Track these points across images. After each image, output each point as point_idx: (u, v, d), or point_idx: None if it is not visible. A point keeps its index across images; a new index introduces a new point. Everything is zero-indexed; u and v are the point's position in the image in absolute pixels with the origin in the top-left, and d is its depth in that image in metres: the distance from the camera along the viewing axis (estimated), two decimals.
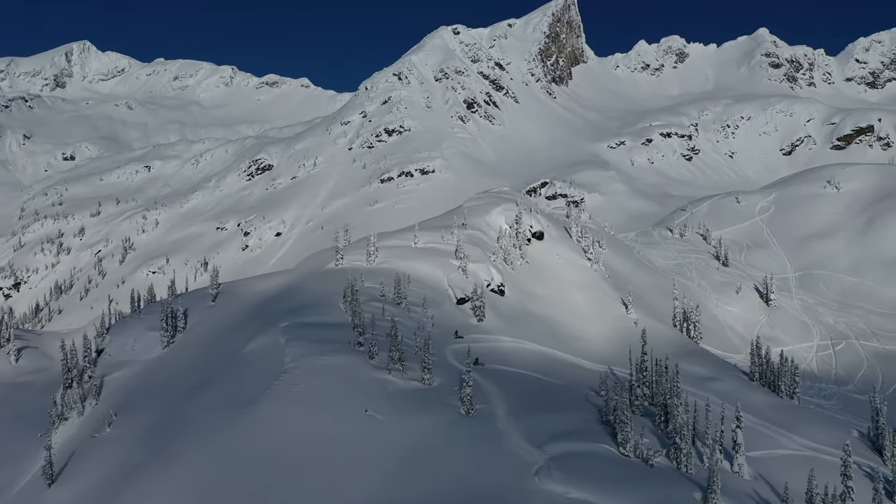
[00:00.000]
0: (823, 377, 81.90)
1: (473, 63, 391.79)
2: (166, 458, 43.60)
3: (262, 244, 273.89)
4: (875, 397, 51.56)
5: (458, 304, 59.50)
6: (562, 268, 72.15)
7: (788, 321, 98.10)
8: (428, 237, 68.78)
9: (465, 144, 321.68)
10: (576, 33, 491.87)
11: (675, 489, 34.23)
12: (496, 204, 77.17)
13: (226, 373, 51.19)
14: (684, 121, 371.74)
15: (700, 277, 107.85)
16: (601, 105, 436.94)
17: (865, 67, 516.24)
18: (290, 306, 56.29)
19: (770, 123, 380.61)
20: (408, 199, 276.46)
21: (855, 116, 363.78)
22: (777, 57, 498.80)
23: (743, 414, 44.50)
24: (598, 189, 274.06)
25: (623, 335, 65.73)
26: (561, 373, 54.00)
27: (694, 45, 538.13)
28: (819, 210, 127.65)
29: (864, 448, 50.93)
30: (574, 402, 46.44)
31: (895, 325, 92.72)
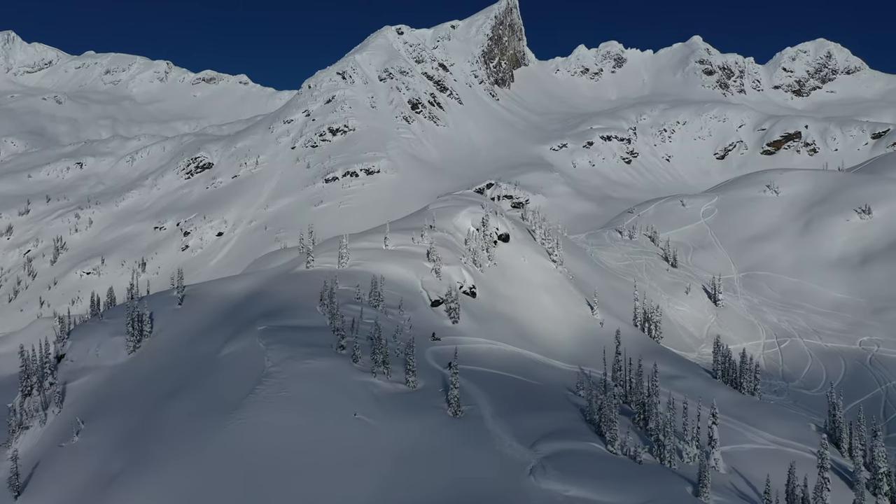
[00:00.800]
0: (771, 374, 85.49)
1: (418, 63, 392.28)
2: (147, 467, 42.51)
3: (203, 244, 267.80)
4: (832, 393, 54.32)
5: (432, 306, 59.87)
6: (528, 270, 73.33)
7: (736, 320, 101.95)
8: (398, 239, 68.88)
9: (410, 145, 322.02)
10: (517, 36, 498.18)
11: (666, 484, 35.49)
12: (462, 206, 77.84)
13: (201, 378, 50.17)
14: (623, 125, 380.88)
15: (650, 278, 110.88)
16: (542, 108, 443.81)
17: (792, 76, 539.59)
18: (265, 309, 55.56)
19: (704, 128, 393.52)
20: (353, 199, 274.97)
21: (783, 123, 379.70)
22: (710, 64, 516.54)
23: (704, 409, 46.44)
24: (543, 191, 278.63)
25: (590, 336, 67.34)
26: (537, 373, 54.98)
27: (631, 51, 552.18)
28: (760, 213, 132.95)
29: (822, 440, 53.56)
30: (556, 402, 47.44)
31: (835, 323, 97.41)
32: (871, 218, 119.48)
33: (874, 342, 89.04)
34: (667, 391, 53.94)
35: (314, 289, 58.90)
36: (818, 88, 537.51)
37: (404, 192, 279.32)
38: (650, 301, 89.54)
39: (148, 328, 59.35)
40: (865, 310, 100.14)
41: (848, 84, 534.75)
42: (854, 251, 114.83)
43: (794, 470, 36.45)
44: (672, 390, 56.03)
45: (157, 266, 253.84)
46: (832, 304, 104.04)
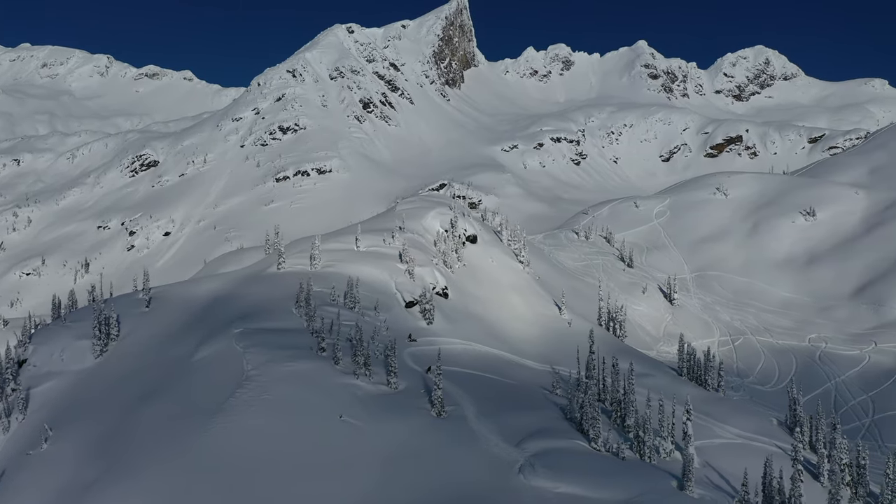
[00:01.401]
0: (727, 370, 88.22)
1: (369, 63, 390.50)
2: (125, 473, 41.67)
3: (149, 244, 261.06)
4: (792, 388, 56.67)
5: (406, 307, 60.09)
6: (497, 271, 74.21)
7: (691, 319, 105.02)
8: (370, 240, 68.82)
9: (362, 144, 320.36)
10: (468, 37, 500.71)
11: (651, 479, 36.62)
12: (430, 208, 78.20)
13: (176, 382, 49.34)
14: (572, 126, 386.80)
15: (608, 278, 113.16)
16: (492, 109, 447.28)
17: (733, 81, 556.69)
18: (239, 312, 54.93)
19: (650, 131, 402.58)
20: (305, 199, 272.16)
21: (726, 127, 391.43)
22: (655, 68, 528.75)
23: (677, 406, 47.98)
24: (495, 191, 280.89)
25: (559, 336, 68.59)
26: (511, 373, 55.80)
27: (579, 54, 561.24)
28: (710, 215, 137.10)
29: (784, 434, 55.91)
30: (535, 402, 48.29)
31: (784, 321, 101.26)
32: (815, 220, 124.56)
33: (822, 339, 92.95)
34: (642, 390, 55.47)
35: (288, 291, 58.50)
36: (757, 94, 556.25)
37: (356, 192, 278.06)
38: (614, 301, 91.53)
39: (115, 332, 57.99)
40: (812, 308, 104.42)
41: (785, 90, 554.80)
42: (800, 252, 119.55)
43: (771, 463, 37.94)
44: (641, 388, 57.66)
45: (101, 266, 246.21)
46: (781, 303, 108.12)
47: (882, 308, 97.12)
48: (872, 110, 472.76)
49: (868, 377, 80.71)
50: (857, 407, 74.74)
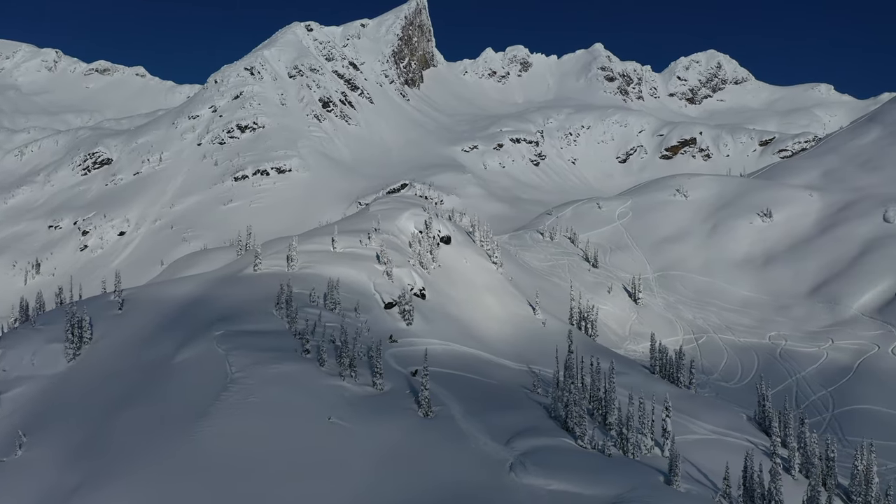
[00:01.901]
0: (692, 368, 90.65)
1: (328, 61, 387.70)
2: (109, 478, 40.95)
3: (103, 244, 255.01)
4: (761, 384, 58.65)
5: (385, 308, 60.26)
6: (471, 271, 74.84)
7: (655, 318, 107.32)
8: (346, 242, 68.67)
9: (322, 143, 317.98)
10: (427, 37, 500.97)
11: (639, 475, 37.63)
12: (404, 209, 78.42)
13: (156, 385, 48.67)
14: (531, 127, 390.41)
15: (574, 278, 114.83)
16: (451, 109, 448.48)
17: (686, 84, 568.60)
18: (218, 314, 54.40)
19: (607, 133, 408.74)
20: (264, 198, 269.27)
21: (680, 129, 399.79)
22: (611, 71, 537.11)
23: (654, 404, 49.32)
24: (456, 191, 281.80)
25: (534, 335, 69.58)
26: (491, 373, 56.47)
27: (537, 56, 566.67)
28: (671, 216, 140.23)
29: (754, 429, 57.88)
30: (518, 401, 49.03)
31: (745, 320, 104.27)
32: (771, 221, 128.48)
33: (782, 337, 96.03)
34: (620, 389, 56.74)
35: (266, 292, 58.16)
36: (709, 97, 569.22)
37: (317, 192, 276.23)
38: (586, 301, 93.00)
39: (88, 335, 56.80)
40: (771, 307, 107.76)
41: (736, 93, 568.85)
42: (758, 252, 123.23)
43: (752, 458, 39.28)
44: (618, 386, 58.92)
45: (52, 267, 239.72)
46: (741, 302, 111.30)
47: (837, 307, 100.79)
48: (819, 114, 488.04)
49: (827, 373, 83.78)
50: (818, 402, 77.57)
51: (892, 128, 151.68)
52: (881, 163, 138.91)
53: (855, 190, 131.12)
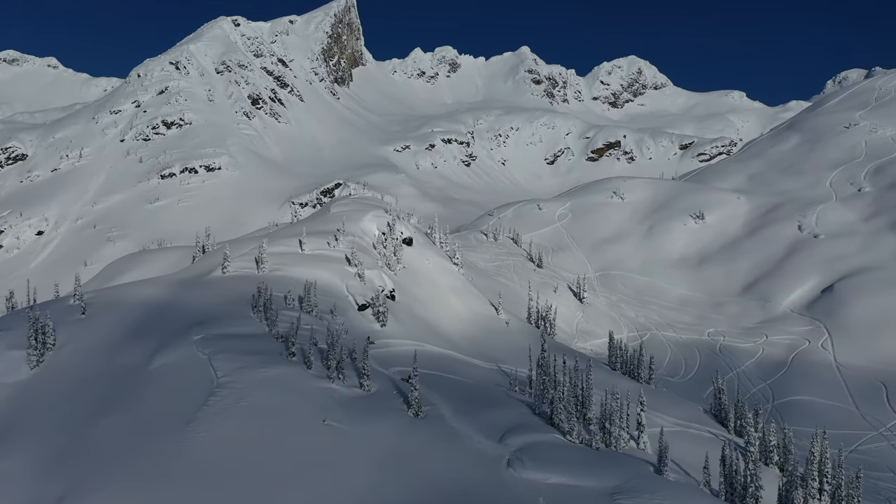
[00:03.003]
0: None
1: (256, 58, 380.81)
2: (96, 487, 40.01)
3: (20, 244, 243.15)
4: (717, 378, 62.17)
5: (359, 310, 60.64)
6: (434, 272, 75.89)
7: (599, 316, 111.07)
8: (314, 243, 68.48)
9: (252, 142, 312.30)
10: (356, 36, 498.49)
11: (631, 467, 39.59)
12: (366, 210, 78.69)
13: (133, 392, 47.62)
14: (462, 128, 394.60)
15: (520, 278, 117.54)
16: (381, 108, 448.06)
17: (608, 89, 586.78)
18: (193, 318, 53.59)
19: (535, 135, 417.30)
20: (193, 197, 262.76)
21: (605, 132, 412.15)
22: (538, 74, 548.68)
23: (620, 399, 51.82)
24: (390, 191, 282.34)
25: (499, 335, 71.26)
26: (466, 372, 57.74)
27: (465, 57, 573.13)
28: (608, 217, 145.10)
29: (711, 421, 61.27)
30: (499, 399, 50.43)
31: (684, 317, 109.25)
32: (704, 223, 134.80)
33: (720, 333, 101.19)
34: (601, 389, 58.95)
35: (239, 295, 57.60)
36: (631, 101, 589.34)
37: (247, 191, 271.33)
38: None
39: (51, 341, 54.90)
40: (707, 304, 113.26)
41: (656, 98, 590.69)
42: (692, 253, 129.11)
43: (732, 448, 41.92)
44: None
45: None
46: (679, 300, 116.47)
47: (768, 304, 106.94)
48: (733, 120, 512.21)
49: (764, 367, 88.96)
50: (759, 394, 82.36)
51: (809, 135, 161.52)
52: (801, 168, 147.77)
53: (779, 194, 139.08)
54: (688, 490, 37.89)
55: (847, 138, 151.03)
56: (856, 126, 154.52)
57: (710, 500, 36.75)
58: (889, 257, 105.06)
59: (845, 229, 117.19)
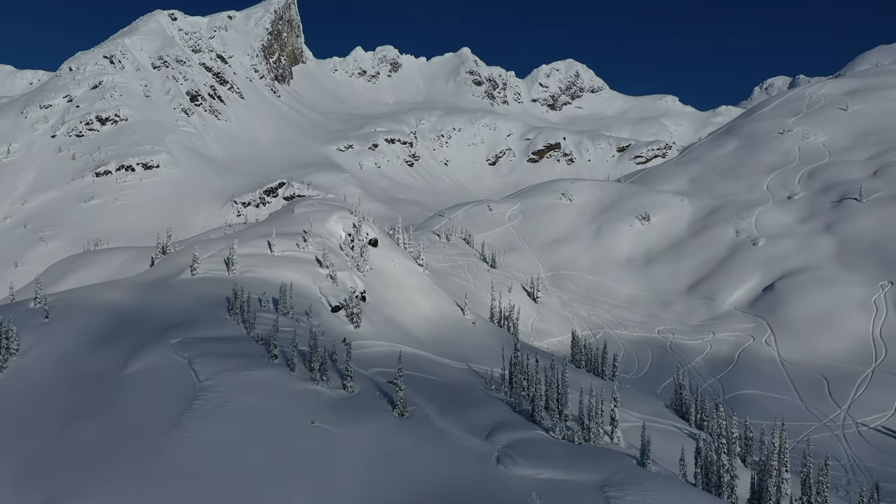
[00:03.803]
0: None
1: (195, 53, 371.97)
2: (81, 494, 39.35)
3: None
4: (678, 374, 64.85)
5: (332, 311, 60.79)
6: (400, 273, 76.38)
7: (553, 315, 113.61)
8: (284, 245, 68.08)
9: (191, 139, 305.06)
10: (296, 33, 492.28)
11: (616, 460, 41.19)
12: (331, 211, 78.53)
13: (110, 398, 46.71)
14: (405, 128, 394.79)
15: (474, 278, 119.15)
16: (323, 107, 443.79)
17: (547, 91, 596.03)
18: (168, 322, 52.87)
19: (477, 136, 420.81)
20: (130, 196, 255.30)
21: (546, 134, 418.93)
22: (479, 75, 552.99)
23: (595, 396, 53.75)
24: (334, 191, 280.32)
25: (466, 335, 72.38)
26: (441, 372, 58.63)
27: (406, 57, 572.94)
28: (558, 219, 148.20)
29: (673, 415, 63.90)
30: (478, 398, 51.51)
31: (634, 315, 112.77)
32: (649, 224, 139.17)
33: (669, 331, 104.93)
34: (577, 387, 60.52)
35: (212, 297, 57.08)
36: (569, 104, 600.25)
37: (188, 190, 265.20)
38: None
39: (15, 345, 53.26)
40: (655, 303, 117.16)
41: (593, 101, 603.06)
42: (639, 253, 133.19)
43: (709, 441, 44.07)
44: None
45: None
46: (628, 299, 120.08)
47: (713, 302, 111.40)
48: (666, 123, 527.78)
49: (712, 363, 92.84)
50: (709, 389, 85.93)
51: (746, 140, 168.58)
52: (739, 172, 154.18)
53: (719, 196, 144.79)
54: (671, 481, 39.75)
55: (781, 144, 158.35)
56: (789, 132, 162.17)
57: (693, 491, 38.69)
58: (825, 258, 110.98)
59: (783, 231, 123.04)
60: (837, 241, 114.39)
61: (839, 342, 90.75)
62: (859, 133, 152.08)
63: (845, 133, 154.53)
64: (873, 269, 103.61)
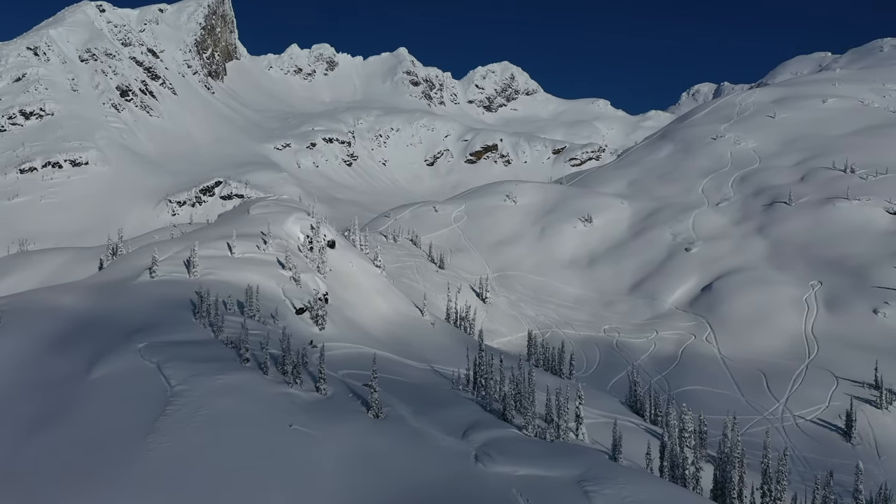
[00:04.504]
0: None
1: (125, 46, 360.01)
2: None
3: None
4: (633, 372, 67.31)
5: (297, 313, 60.56)
6: (358, 275, 76.50)
7: (502, 315, 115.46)
8: (244, 247, 67.22)
9: (122, 135, 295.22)
10: (230, 28, 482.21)
11: (590, 456, 42.68)
12: (287, 212, 77.91)
13: (75, 404, 45.51)
14: (343, 128, 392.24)
15: (423, 279, 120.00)
16: (259, 104, 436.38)
17: (483, 93, 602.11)
18: (131, 325, 51.76)
19: (416, 136, 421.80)
20: (58, 194, 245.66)
21: (483, 135, 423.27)
22: (416, 75, 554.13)
23: (561, 394, 55.51)
24: (273, 190, 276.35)
25: (426, 336, 73.06)
26: (406, 373, 59.23)
27: (343, 56, 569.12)
28: (503, 220, 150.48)
29: (629, 412, 66.27)
30: (449, 398, 52.37)
31: (580, 315, 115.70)
32: (592, 226, 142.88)
33: (615, 330, 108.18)
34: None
35: (174, 300, 56.16)
36: (504, 106, 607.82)
37: (120, 188, 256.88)
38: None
39: None
40: (599, 303, 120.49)
41: (528, 104, 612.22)
42: (582, 254, 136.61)
43: (674, 436, 46.12)
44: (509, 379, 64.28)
45: None
46: (573, 299, 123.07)
47: (655, 302, 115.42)
48: (599, 126, 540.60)
49: (657, 360, 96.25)
50: (656, 385, 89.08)
51: (681, 144, 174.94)
52: (675, 175, 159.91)
53: (657, 199, 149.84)
54: (643, 475, 41.52)
55: (714, 149, 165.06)
56: (722, 138, 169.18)
57: (664, 483, 40.55)
58: (759, 258, 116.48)
59: (719, 233, 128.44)
60: (770, 243, 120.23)
61: (774, 339, 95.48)
62: (786, 140, 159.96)
63: (773, 140, 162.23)
64: (803, 270, 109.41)
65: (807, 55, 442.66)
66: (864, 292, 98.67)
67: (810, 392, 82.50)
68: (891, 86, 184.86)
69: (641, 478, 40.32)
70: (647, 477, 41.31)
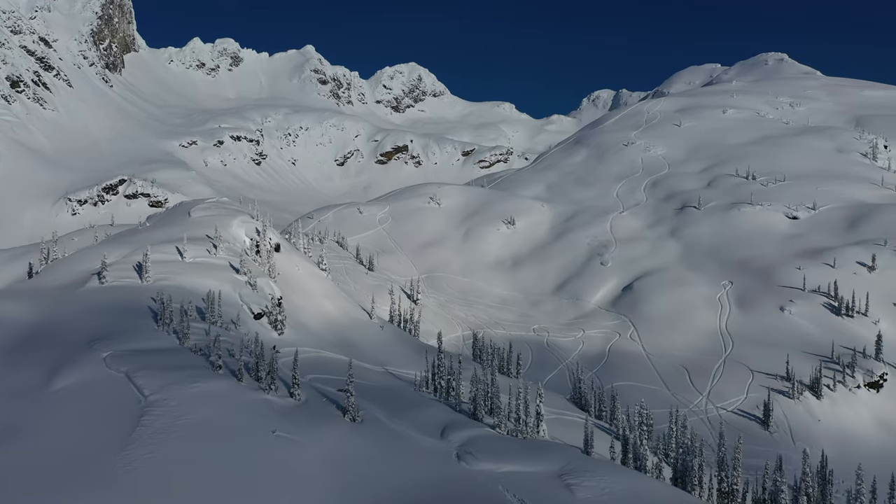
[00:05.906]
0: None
1: (14, 35, 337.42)
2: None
3: None
4: (577, 369, 70.59)
5: (255, 318, 60.00)
6: (305, 279, 76.12)
7: (434, 316, 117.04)
8: (194, 251, 65.57)
9: (14, 129, 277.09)
10: (127, 19, 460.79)
11: (564, 451, 44.99)
12: (232, 215, 76.43)
13: (38, 418, 43.89)
14: (251, 125, 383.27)
15: (354, 281, 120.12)
16: (159, 99, 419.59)
17: (391, 93, 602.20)
18: (91, 334, 50.02)
19: (325, 135, 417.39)
20: None
21: (393, 136, 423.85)
22: (324, 74, 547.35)
23: (523, 394, 57.90)
24: (181, 189, 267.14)
25: (376, 339, 73.66)
26: (367, 377, 59.88)
27: (248, 51, 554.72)
28: (427, 222, 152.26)
29: (575, 408, 69.47)
30: (418, 400, 53.52)
31: (509, 315, 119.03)
32: (515, 228, 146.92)
33: (544, 329, 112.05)
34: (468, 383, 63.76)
35: (131, 307, 54.68)
36: (412, 107, 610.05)
37: (13, 185, 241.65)
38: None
39: None
40: (526, 303, 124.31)
41: (435, 105, 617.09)
42: (506, 255, 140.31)
43: (627, 432, 49.16)
44: (465, 379, 66.29)
45: None
46: (500, 300, 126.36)
47: (579, 301, 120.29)
48: (505, 129, 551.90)
49: (587, 358, 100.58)
50: (589, 382, 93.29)
51: (595, 150, 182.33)
52: (591, 179, 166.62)
53: (575, 202, 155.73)
54: (616, 467, 44.23)
55: (627, 154, 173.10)
56: (633, 144, 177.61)
57: (635, 473, 43.40)
58: (673, 260, 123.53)
59: (635, 235, 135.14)
60: (683, 245, 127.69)
61: (693, 336, 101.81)
62: (692, 147, 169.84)
63: (680, 147, 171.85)
64: (715, 270, 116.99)
65: (699, 66, 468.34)
66: (771, 291, 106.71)
67: (729, 385, 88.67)
68: (783, 99, 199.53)
69: (616, 470, 43.00)
70: (620, 469, 44.07)
